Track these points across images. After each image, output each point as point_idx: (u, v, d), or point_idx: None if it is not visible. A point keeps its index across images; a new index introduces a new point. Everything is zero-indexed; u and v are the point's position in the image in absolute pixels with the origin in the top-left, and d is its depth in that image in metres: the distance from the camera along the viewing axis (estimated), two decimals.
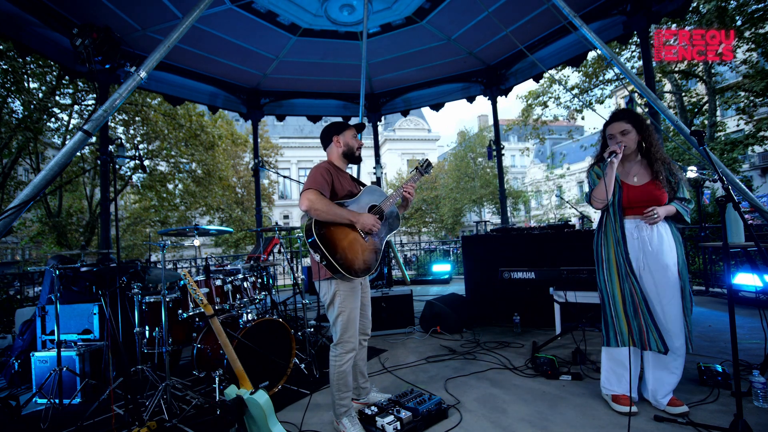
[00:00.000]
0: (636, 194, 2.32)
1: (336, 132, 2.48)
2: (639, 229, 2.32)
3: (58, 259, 3.76)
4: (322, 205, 2.15)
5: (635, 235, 2.33)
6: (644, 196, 2.30)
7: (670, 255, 2.25)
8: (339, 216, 2.20)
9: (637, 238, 2.32)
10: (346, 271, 2.15)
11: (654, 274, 2.27)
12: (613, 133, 2.37)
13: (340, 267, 2.14)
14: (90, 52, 4.01)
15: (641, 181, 2.35)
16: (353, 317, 2.31)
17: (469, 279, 5.10)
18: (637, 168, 2.39)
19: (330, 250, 2.14)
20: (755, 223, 7.51)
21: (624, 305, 2.32)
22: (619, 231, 2.34)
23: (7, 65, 9.47)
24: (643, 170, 2.37)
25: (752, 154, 19.96)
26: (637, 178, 2.37)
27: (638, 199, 2.31)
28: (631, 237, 2.34)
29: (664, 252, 2.25)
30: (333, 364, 2.32)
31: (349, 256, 2.20)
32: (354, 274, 2.20)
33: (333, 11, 5.42)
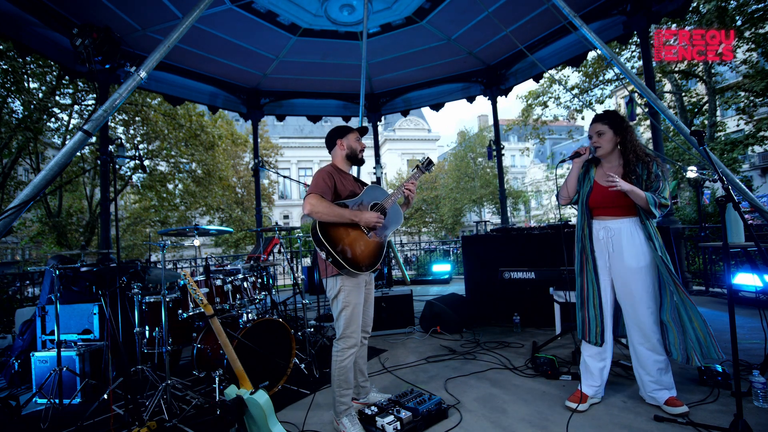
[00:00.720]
0: (600, 195, 2.34)
1: (339, 135, 2.56)
2: (606, 230, 2.32)
3: (58, 259, 3.76)
4: (322, 208, 2.24)
5: (601, 235, 2.34)
6: (607, 197, 2.30)
7: (637, 257, 2.23)
8: (341, 216, 2.28)
9: (603, 239, 2.33)
10: (350, 266, 2.24)
11: (622, 276, 2.28)
12: (590, 134, 2.41)
13: (345, 263, 2.22)
14: (90, 52, 4.01)
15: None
16: (356, 312, 2.37)
17: (469, 279, 5.10)
18: (613, 169, 2.38)
19: (335, 248, 2.23)
20: (755, 223, 7.51)
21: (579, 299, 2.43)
22: (587, 229, 2.39)
23: (7, 65, 9.48)
24: (617, 171, 2.35)
25: (752, 154, 19.96)
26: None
27: (604, 200, 2.32)
28: (597, 238, 2.36)
29: (631, 254, 2.23)
30: (335, 359, 2.36)
31: (353, 252, 2.29)
32: (359, 269, 2.28)
33: (333, 11, 5.43)
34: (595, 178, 2.40)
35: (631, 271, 2.23)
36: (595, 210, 2.37)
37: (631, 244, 2.24)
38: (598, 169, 2.43)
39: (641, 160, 2.29)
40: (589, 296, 2.40)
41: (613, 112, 2.43)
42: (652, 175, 2.25)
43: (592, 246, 2.36)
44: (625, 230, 2.26)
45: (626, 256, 2.24)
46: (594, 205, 2.37)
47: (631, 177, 2.26)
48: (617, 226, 2.29)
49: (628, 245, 2.25)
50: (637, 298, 2.25)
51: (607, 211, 2.32)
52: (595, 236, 2.36)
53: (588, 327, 2.41)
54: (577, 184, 2.42)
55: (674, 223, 5.45)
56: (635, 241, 2.24)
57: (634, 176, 2.26)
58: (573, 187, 2.40)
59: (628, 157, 2.31)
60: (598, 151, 2.35)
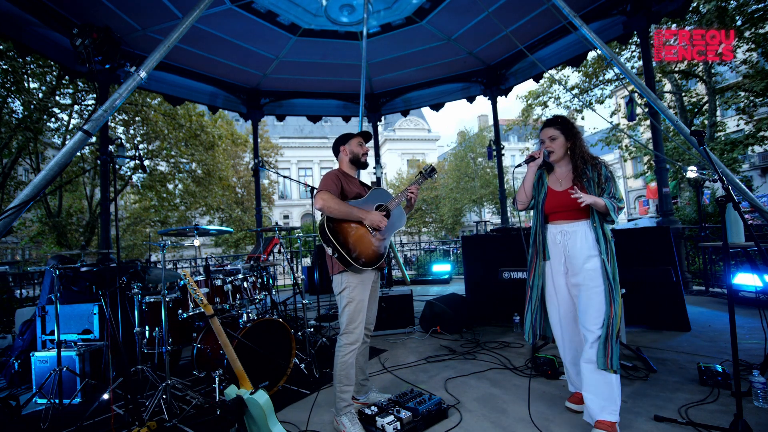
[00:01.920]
0: (555, 200, 2.35)
1: (342, 142, 2.71)
2: (562, 234, 2.32)
3: (58, 259, 3.76)
4: (334, 204, 2.34)
5: (558, 239, 2.34)
6: (561, 201, 2.31)
7: (591, 260, 2.20)
8: (350, 213, 2.37)
9: (560, 243, 2.32)
10: (355, 262, 2.31)
11: (578, 278, 2.24)
12: (542, 138, 2.41)
13: (350, 258, 2.30)
14: (90, 52, 4.01)
15: (564, 186, 2.35)
16: (360, 309, 2.41)
17: (469, 279, 5.10)
18: (565, 173, 2.39)
19: (341, 244, 2.31)
20: (755, 223, 7.51)
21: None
22: (540, 236, 2.41)
23: (7, 65, 9.48)
24: (568, 175, 2.36)
25: (752, 154, 19.96)
26: (563, 182, 2.37)
27: (557, 204, 2.33)
28: (553, 242, 2.36)
29: (585, 257, 2.22)
30: (337, 354, 2.40)
31: (359, 248, 2.36)
32: (363, 265, 2.35)
33: (333, 11, 5.43)
34: (549, 183, 2.42)
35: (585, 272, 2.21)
36: (551, 215, 2.39)
37: (585, 246, 2.24)
38: (550, 174, 2.45)
39: (590, 163, 2.31)
40: (532, 296, 2.45)
41: (564, 117, 2.45)
42: (602, 177, 2.26)
43: (546, 250, 2.39)
44: (580, 232, 2.27)
45: (581, 258, 2.24)
46: (549, 210, 2.38)
47: (582, 180, 2.27)
48: (573, 229, 2.29)
49: (581, 247, 2.25)
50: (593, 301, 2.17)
51: (563, 215, 2.33)
52: (551, 240, 2.37)
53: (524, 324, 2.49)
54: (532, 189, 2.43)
55: (674, 223, 5.45)
56: (588, 243, 2.24)
57: (586, 179, 2.27)
58: (530, 191, 2.40)
59: (576, 162, 2.32)
60: (551, 156, 2.35)
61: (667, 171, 6.25)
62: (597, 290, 2.16)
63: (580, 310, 2.22)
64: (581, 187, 2.24)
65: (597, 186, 2.25)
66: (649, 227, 4.66)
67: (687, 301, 4.10)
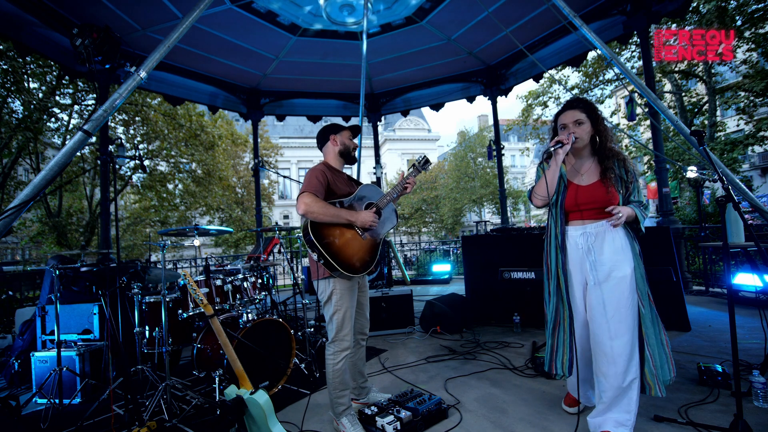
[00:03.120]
0: (581, 195, 2.05)
1: (334, 132, 2.53)
2: (585, 236, 2.02)
3: (58, 259, 3.76)
4: (318, 208, 2.18)
5: (580, 244, 2.03)
6: (589, 197, 2.02)
7: (622, 267, 1.94)
8: (337, 216, 2.23)
9: (582, 248, 2.02)
10: (343, 269, 2.18)
11: (603, 289, 1.96)
12: (566, 123, 2.08)
13: (337, 265, 2.17)
14: (90, 52, 4.01)
15: (589, 180, 2.07)
16: (348, 316, 2.33)
17: (469, 279, 5.10)
18: (588, 165, 2.11)
19: (327, 249, 2.17)
20: (755, 223, 7.51)
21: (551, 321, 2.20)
22: (560, 237, 2.08)
23: (7, 65, 9.49)
24: (593, 168, 2.09)
25: (752, 154, 19.96)
26: (586, 176, 2.09)
27: (584, 200, 2.04)
28: (575, 247, 2.06)
29: (616, 263, 1.95)
30: (329, 362, 2.34)
31: (347, 253, 2.24)
32: (352, 272, 2.23)
33: (333, 11, 5.43)
34: (567, 176, 2.12)
35: (613, 281, 1.94)
36: (571, 213, 2.09)
37: (613, 249, 1.97)
38: (567, 166, 2.15)
39: (616, 156, 2.05)
40: (564, 319, 2.13)
41: (587, 99, 2.15)
42: (630, 175, 2.02)
43: (566, 258, 2.08)
44: (607, 234, 1.99)
45: (609, 264, 1.96)
46: (570, 208, 2.08)
47: (610, 176, 2.01)
48: (597, 229, 2.01)
49: (610, 251, 1.97)
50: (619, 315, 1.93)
51: (586, 213, 2.04)
52: (571, 245, 2.07)
53: (555, 355, 2.20)
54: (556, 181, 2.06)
55: (674, 223, 5.45)
56: (617, 246, 1.98)
57: (613, 175, 2.01)
58: (554, 185, 2.03)
59: (605, 153, 2.05)
60: (577, 143, 2.03)
61: (667, 171, 6.25)
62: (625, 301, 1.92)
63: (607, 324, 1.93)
64: (609, 185, 2.00)
65: (624, 185, 2.01)
66: (649, 227, 4.65)
67: (687, 301, 4.10)
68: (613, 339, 1.92)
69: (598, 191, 2.01)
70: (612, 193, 1.99)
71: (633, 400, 1.94)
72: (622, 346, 1.91)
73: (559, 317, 2.17)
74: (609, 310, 1.94)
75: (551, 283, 2.18)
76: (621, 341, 1.92)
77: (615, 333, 1.92)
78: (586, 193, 2.05)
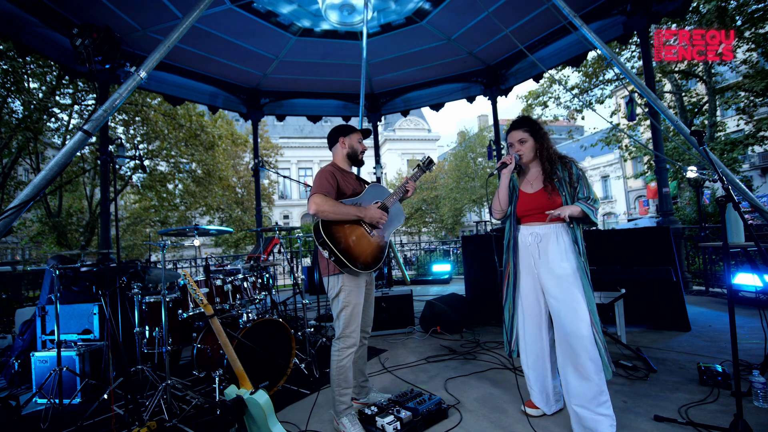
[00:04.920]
0: (527, 203, 2.30)
1: (342, 134, 2.58)
2: (534, 236, 2.26)
3: (58, 259, 3.76)
4: (328, 206, 2.25)
5: (529, 241, 2.28)
6: (534, 203, 2.26)
7: (563, 264, 2.15)
8: (346, 213, 2.29)
9: (530, 245, 2.26)
10: (353, 265, 2.24)
11: (552, 282, 2.18)
12: (511, 142, 2.35)
13: (347, 261, 2.22)
14: (90, 52, 4.02)
15: (536, 188, 2.30)
16: (356, 312, 2.36)
17: (469, 279, 5.10)
18: (535, 175, 2.34)
19: (338, 246, 2.23)
20: (755, 223, 7.51)
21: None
22: (512, 240, 2.35)
23: (7, 65, 9.49)
24: (538, 176, 2.31)
25: (752, 154, 19.97)
26: (534, 184, 2.32)
27: (529, 207, 2.28)
28: (524, 245, 2.30)
29: (556, 260, 2.16)
30: (334, 358, 2.35)
31: (356, 251, 2.29)
32: (361, 268, 2.28)
33: (333, 11, 5.42)
34: (520, 186, 2.38)
35: (558, 278, 2.15)
36: (524, 218, 2.32)
37: (557, 249, 2.18)
38: (521, 177, 2.41)
39: (559, 162, 2.27)
40: (505, 306, 2.41)
41: (530, 117, 2.40)
42: (573, 177, 2.22)
43: (516, 255, 2.33)
44: (552, 235, 2.21)
45: (552, 262, 2.18)
46: (522, 213, 2.32)
47: (554, 180, 2.23)
48: (545, 231, 2.23)
49: (553, 250, 2.18)
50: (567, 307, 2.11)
51: (536, 217, 2.26)
52: (521, 242, 2.32)
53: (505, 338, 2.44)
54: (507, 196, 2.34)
55: (674, 223, 5.45)
56: (561, 247, 2.18)
57: (557, 179, 2.23)
58: (505, 200, 2.32)
59: (544, 164, 2.27)
60: (522, 159, 2.30)
61: (667, 171, 6.25)
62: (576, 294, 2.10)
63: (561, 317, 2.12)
64: (552, 188, 2.22)
65: (569, 185, 2.21)
66: (649, 227, 4.67)
67: (687, 301, 4.10)
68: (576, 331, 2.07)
69: (541, 198, 2.25)
70: (553, 199, 2.21)
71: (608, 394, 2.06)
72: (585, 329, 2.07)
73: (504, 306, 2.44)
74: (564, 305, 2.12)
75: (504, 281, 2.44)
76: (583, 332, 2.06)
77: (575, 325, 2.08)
78: (531, 200, 2.29)
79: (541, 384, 2.37)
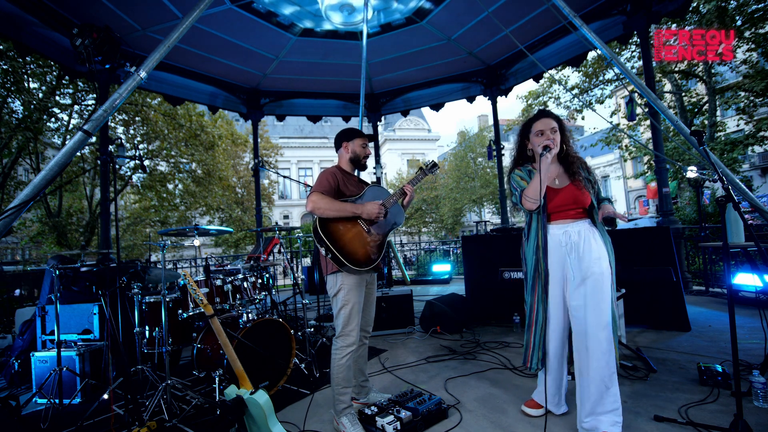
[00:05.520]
0: (560, 197, 2.16)
1: (346, 138, 2.62)
2: (567, 235, 2.12)
3: (58, 259, 3.76)
4: (324, 203, 2.27)
5: (563, 241, 2.13)
6: (568, 199, 2.15)
7: (601, 263, 2.06)
8: (342, 210, 2.30)
9: (565, 245, 2.12)
10: (350, 263, 2.25)
11: (585, 285, 2.05)
12: (543, 129, 2.17)
13: (344, 259, 2.24)
14: (90, 52, 4.01)
15: (562, 184, 2.20)
16: (355, 311, 2.37)
17: (469, 279, 5.10)
18: (556, 170, 2.24)
19: (334, 244, 2.25)
20: (755, 223, 7.51)
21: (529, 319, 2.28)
22: (542, 239, 2.14)
23: (7, 65, 9.48)
24: (562, 173, 2.23)
25: (752, 154, 19.96)
26: (558, 180, 2.22)
27: (563, 202, 2.15)
28: (558, 245, 2.15)
29: (596, 260, 2.06)
30: (333, 357, 2.37)
31: (353, 248, 2.30)
32: (358, 266, 2.29)
33: (333, 11, 5.43)
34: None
35: (594, 276, 2.04)
36: (553, 214, 2.18)
37: (592, 247, 2.08)
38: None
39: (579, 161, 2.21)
40: (538, 318, 2.23)
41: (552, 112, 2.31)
42: (593, 176, 2.18)
43: (546, 257, 2.14)
44: (589, 233, 2.10)
45: (589, 260, 2.06)
46: (553, 209, 2.17)
47: (579, 178, 2.15)
48: (577, 228, 2.12)
49: (588, 248, 2.08)
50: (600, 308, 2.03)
51: (566, 213, 2.14)
52: (553, 242, 2.15)
53: (531, 352, 2.27)
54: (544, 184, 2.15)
55: (674, 223, 5.45)
56: (596, 244, 2.09)
57: (581, 178, 2.16)
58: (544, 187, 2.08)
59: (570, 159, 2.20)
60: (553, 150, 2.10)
61: (667, 171, 6.25)
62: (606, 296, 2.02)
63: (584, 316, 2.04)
64: (581, 186, 2.15)
65: (592, 186, 2.17)
66: (649, 227, 4.66)
67: (687, 301, 4.10)
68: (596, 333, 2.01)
69: (575, 192, 2.15)
70: (585, 194, 2.14)
71: (617, 395, 2.01)
72: (604, 341, 2.01)
73: (534, 315, 2.25)
74: (590, 306, 2.04)
75: (528, 282, 2.28)
76: (602, 335, 2.01)
77: (596, 328, 2.02)
78: (564, 195, 2.17)
79: (557, 386, 2.31)
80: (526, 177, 2.26)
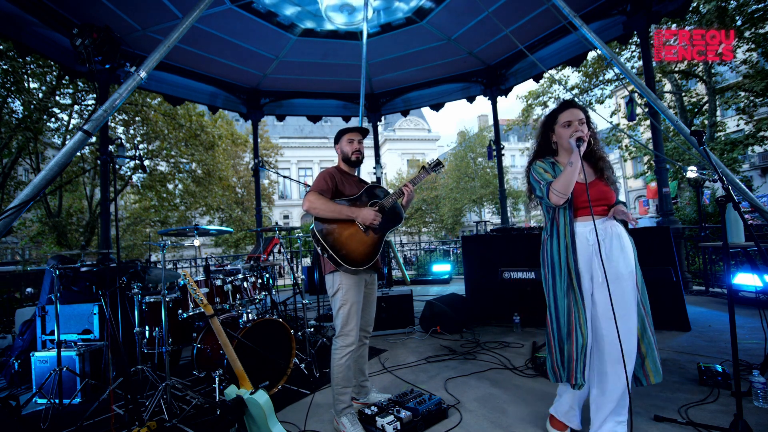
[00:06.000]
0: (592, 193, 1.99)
1: (335, 140, 2.69)
2: (594, 233, 1.94)
3: (58, 259, 3.76)
4: (320, 204, 2.30)
5: (590, 240, 1.96)
6: (599, 194, 2.01)
7: (627, 263, 1.96)
8: (339, 212, 2.32)
9: (593, 244, 1.95)
10: (347, 263, 2.26)
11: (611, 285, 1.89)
12: (571, 120, 2.01)
13: (340, 259, 2.25)
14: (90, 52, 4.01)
15: (589, 179, 2.04)
16: (354, 311, 2.37)
17: (469, 279, 5.10)
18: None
19: (330, 244, 2.27)
20: (755, 223, 7.51)
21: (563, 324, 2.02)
22: (569, 236, 1.99)
23: (7, 65, 9.48)
24: (588, 168, 2.08)
25: (752, 154, 19.95)
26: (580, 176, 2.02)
27: (594, 198, 1.99)
28: (585, 243, 1.98)
29: (623, 259, 1.95)
30: (333, 356, 2.37)
31: (348, 248, 2.31)
32: (355, 265, 2.29)
33: (333, 11, 5.42)
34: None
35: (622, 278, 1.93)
36: (579, 210, 2.02)
37: (620, 245, 1.97)
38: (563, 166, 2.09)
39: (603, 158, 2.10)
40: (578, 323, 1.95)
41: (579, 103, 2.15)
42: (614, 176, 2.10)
43: (575, 255, 1.98)
44: (613, 230, 1.99)
45: (617, 260, 1.95)
46: (580, 205, 2.01)
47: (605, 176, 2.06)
48: (604, 226, 1.99)
49: (618, 247, 1.97)
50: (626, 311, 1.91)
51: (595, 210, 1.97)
52: (580, 241, 1.99)
53: (575, 365, 1.94)
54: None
55: (674, 223, 5.45)
56: (623, 243, 1.98)
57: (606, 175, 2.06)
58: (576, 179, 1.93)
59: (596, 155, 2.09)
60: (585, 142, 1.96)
61: (667, 171, 6.25)
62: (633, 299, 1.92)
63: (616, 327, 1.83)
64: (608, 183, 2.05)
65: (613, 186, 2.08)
66: (649, 227, 4.66)
67: (687, 301, 4.10)
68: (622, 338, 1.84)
69: (603, 188, 2.04)
70: (612, 191, 2.06)
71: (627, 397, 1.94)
72: (630, 345, 1.89)
73: (573, 320, 1.97)
74: (618, 308, 1.86)
75: (563, 283, 2.01)
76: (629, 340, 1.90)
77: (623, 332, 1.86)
78: (594, 190, 2.01)
79: (580, 400, 2.11)
80: (549, 169, 2.07)
